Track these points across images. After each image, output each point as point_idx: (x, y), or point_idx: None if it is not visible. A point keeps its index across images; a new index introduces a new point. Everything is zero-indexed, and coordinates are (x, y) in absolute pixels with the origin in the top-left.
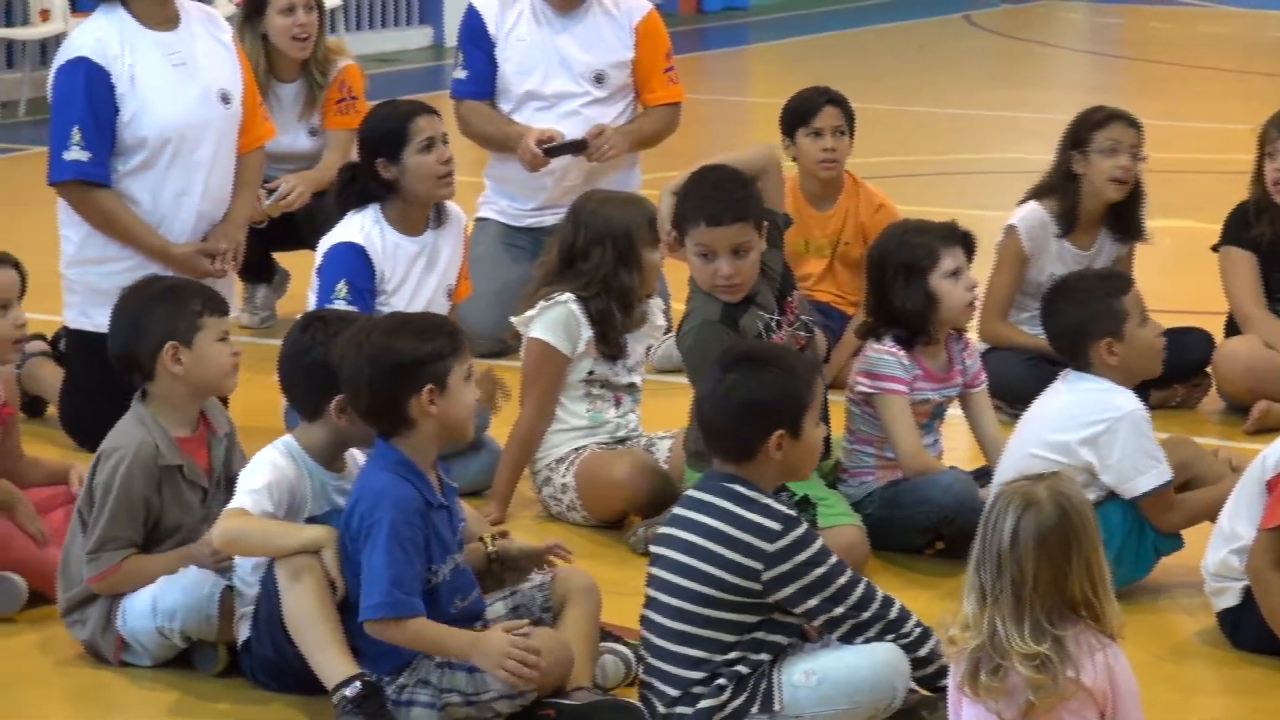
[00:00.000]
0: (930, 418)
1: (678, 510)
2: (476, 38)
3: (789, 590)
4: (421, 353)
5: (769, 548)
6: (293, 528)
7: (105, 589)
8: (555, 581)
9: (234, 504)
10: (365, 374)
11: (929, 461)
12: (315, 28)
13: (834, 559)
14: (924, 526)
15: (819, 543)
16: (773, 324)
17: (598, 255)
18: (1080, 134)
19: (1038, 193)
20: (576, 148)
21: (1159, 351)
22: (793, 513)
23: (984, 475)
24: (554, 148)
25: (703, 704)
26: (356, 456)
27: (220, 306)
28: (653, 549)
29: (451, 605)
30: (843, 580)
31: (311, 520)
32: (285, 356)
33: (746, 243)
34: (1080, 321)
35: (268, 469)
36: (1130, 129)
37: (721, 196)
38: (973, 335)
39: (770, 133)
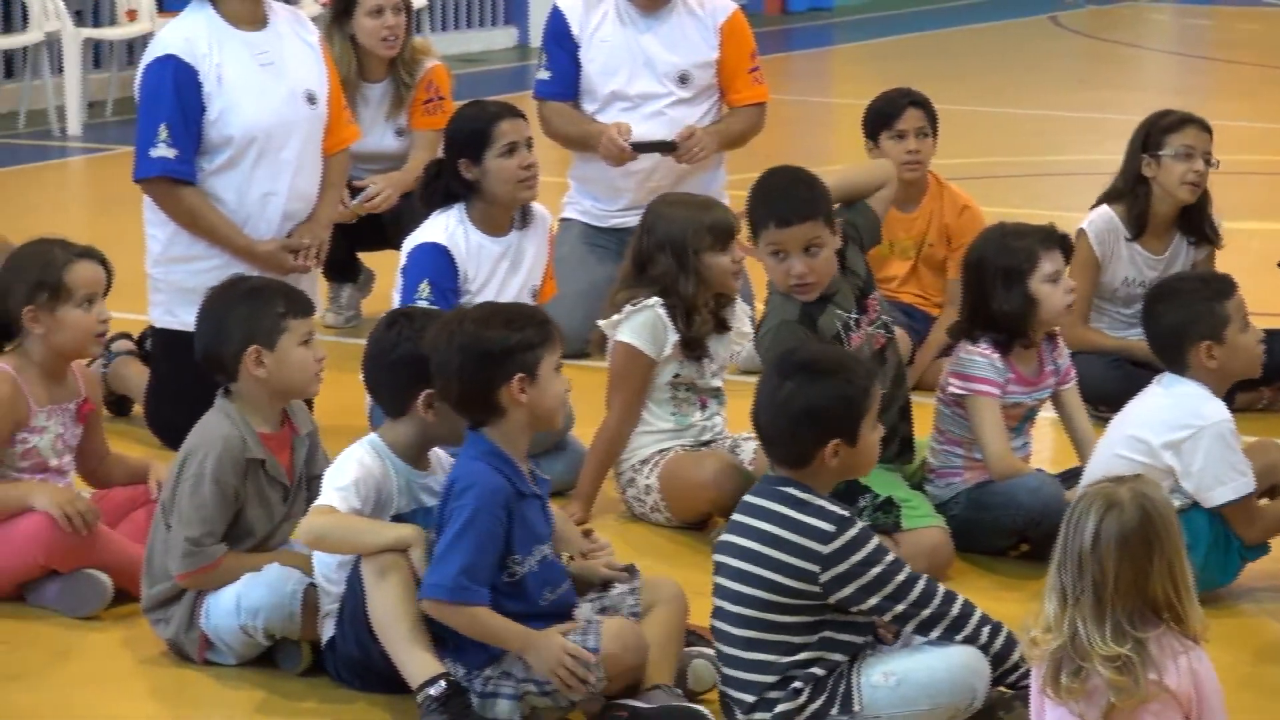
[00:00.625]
0: (1021, 421)
1: (736, 516)
2: (560, 38)
3: (848, 590)
4: (511, 342)
5: (824, 549)
6: (380, 525)
7: (195, 584)
8: (644, 588)
9: (321, 501)
10: (455, 363)
11: (1017, 465)
12: (403, 29)
13: (890, 556)
14: (1010, 529)
15: (874, 541)
16: (851, 323)
17: (662, 261)
18: (1152, 137)
19: (1108, 196)
20: (666, 148)
21: (1258, 357)
22: (846, 512)
23: (1071, 478)
24: (643, 144)
25: (780, 708)
26: (441, 455)
27: (305, 308)
28: (715, 557)
29: (541, 597)
30: (901, 578)
31: (398, 518)
32: (371, 354)
33: (817, 239)
34: (1181, 323)
35: (354, 466)
36: (1204, 133)
37: (789, 197)
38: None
39: (855, 134)
